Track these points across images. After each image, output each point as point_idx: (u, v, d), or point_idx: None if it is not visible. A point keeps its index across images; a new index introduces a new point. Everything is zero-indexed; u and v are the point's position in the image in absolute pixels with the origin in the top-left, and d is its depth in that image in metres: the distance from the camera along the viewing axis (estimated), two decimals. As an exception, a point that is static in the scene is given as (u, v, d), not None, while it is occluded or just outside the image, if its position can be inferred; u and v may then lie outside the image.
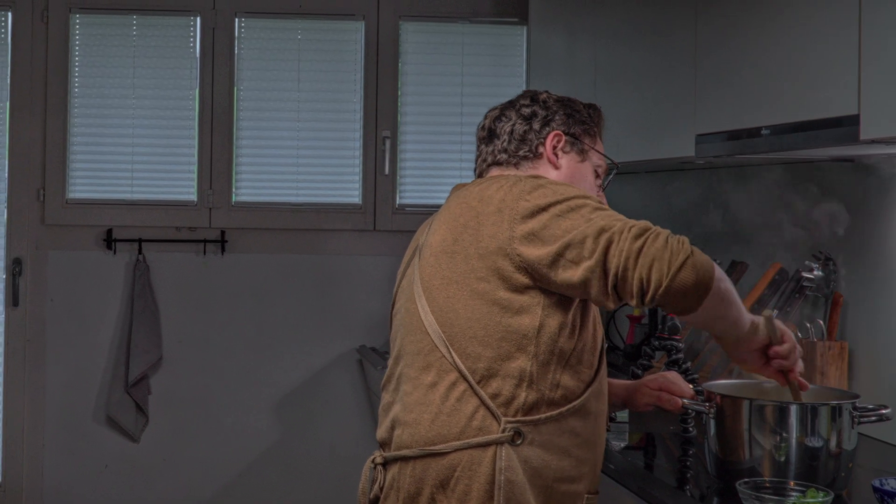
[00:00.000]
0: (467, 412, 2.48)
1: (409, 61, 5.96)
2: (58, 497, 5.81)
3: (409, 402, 2.57)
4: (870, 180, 3.48)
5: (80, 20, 5.80)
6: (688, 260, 2.29)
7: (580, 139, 2.78)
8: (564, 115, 2.78)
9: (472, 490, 2.46)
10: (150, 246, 5.83)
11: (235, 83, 5.86)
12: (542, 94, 2.82)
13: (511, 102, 2.83)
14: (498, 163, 2.77)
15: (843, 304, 3.58)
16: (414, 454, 2.52)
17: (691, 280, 2.29)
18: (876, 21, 2.65)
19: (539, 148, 2.74)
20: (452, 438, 2.48)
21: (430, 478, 2.49)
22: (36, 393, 5.79)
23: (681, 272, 2.28)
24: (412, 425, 2.54)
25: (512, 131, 2.76)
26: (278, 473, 5.91)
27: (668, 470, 3.13)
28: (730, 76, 3.38)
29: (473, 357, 2.48)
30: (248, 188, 5.90)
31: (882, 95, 2.62)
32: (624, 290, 2.35)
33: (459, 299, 2.51)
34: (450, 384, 2.50)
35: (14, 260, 5.77)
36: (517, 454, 2.46)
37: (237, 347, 5.90)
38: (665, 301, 2.32)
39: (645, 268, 2.30)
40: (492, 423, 2.47)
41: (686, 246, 2.32)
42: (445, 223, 2.60)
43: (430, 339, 2.54)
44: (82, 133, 5.83)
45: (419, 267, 2.62)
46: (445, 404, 2.50)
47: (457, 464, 2.47)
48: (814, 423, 2.65)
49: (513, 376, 2.47)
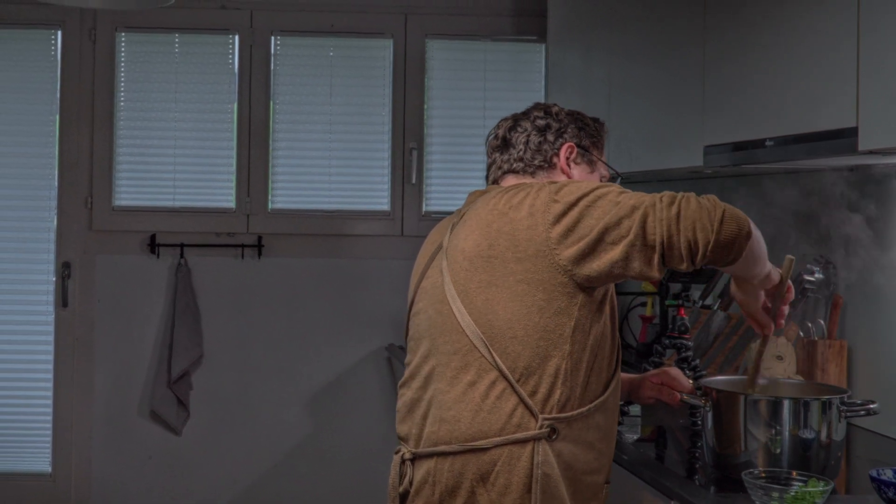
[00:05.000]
0: (507, 409, 2.47)
1: (434, 77, 5.98)
2: (104, 487, 5.86)
3: (445, 401, 2.55)
4: (868, 189, 3.48)
5: (126, 38, 5.85)
6: (725, 213, 2.34)
7: (590, 151, 2.79)
8: (576, 128, 2.78)
9: (512, 483, 2.46)
10: (191, 250, 5.87)
11: (271, 97, 5.90)
12: (553, 107, 2.83)
13: (524, 114, 2.83)
14: (514, 171, 2.77)
15: (842, 305, 3.59)
16: (454, 450, 2.50)
17: (734, 230, 2.33)
18: (873, 39, 2.66)
19: (553, 158, 2.75)
20: (493, 434, 2.47)
21: (470, 472, 2.48)
22: (84, 389, 5.84)
23: (724, 225, 2.33)
24: (451, 422, 2.52)
25: (527, 141, 2.76)
26: (310, 465, 5.94)
27: (677, 461, 3.13)
28: (736, 91, 3.39)
29: (513, 356, 2.48)
30: (283, 196, 5.94)
31: (879, 109, 2.63)
32: (672, 257, 2.37)
33: (499, 301, 2.49)
34: (490, 383, 2.49)
35: (64, 264, 5.82)
36: (552, 449, 2.47)
37: (273, 346, 5.93)
38: (715, 255, 2.36)
39: (689, 230, 2.33)
40: (530, 420, 2.46)
41: (717, 201, 2.36)
42: (478, 229, 2.57)
43: (467, 340, 2.52)
44: (128, 144, 5.87)
45: (451, 271, 2.59)
46: (486, 402, 2.49)
47: (497, 458, 2.46)
48: (805, 416, 2.67)
49: (549, 374, 2.47)
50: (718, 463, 2.80)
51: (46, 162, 5.83)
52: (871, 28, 2.67)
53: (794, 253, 3.85)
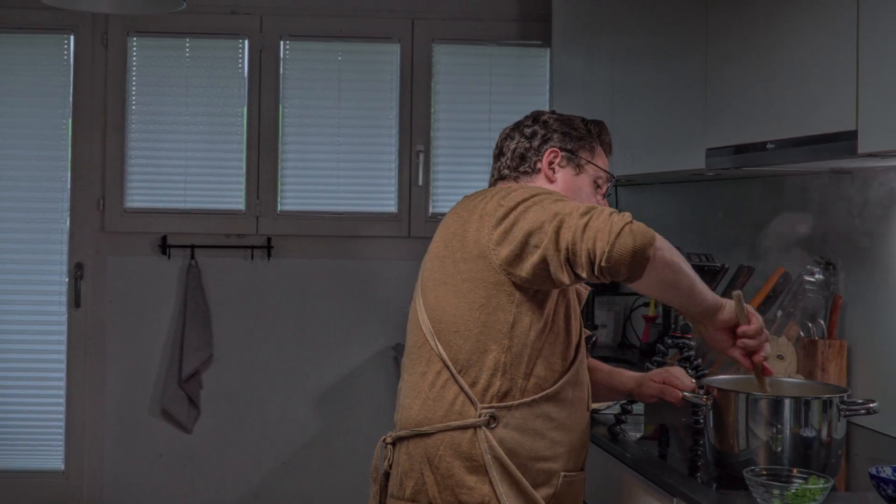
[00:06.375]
0: (449, 398, 2.64)
1: (441, 81, 5.99)
2: (116, 484, 5.87)
3: (404, 389, 2.77)
4: (867, 191, 3.49)
5: (137, 43, 5.86)
6: (625, 227, 2.36)
7: (576, 154, 2.85)
8: (562, 133, 2.86)
9: (454, 467, 2.61)
10: (201, 251, 5.88)
11: (281, 101, 5.91)
12: (544, 115, 2.93)
13: (518, 123, 2.94)
14: (503, 177, 2.90)
15: (842, 305, 3.59)
16: (407, 434, 2.70)
17: (629, 245, 2.35)
18: (872, 43, 2.67)
19: (537, 164, 2.85)
20: (436, 421, 2.64)
21: (419, 455, 2.67)
22: (96, 388, 5.85)
23: (619, 238, 2.35)
24: (406, 409, 2.73)
25: (515, 149, 2.88)
26: (319, 462, 5.95)
27: (680, 459, 3.13)
28: (737, 95, 3.39)
29: (455, 349, 2.63)
30: (292, 198, 5.94)
31: (878, 112, 2.63)
32: (576, 263, 2.43)
33: (447, 298, 2.65)
34: (436, 373, 2.66)
35: (76, 265, 5.83)
36: (494, 435, 2.60)
37: (282, 345, 5.94)
38: (611, 268, 2.38)
39: (590, 240, 2.38)
40: (470, 408, 2.62)
41: (626, 217, 2.39)
42: (442, 231, 2.75)
43: (422, 334, 2.70)
44: (139, 147, 5.88)
45: (422, 270, 2.79)
46: (432, 391, 2.66)
47: (440, 443, 2.63)
48: (806, 415, 2.67)
49: (489, 366, 2.61)
50: (720, 461, 2.80)
51: (59, 165, 5.84)
52: (871, 33, 2.68)
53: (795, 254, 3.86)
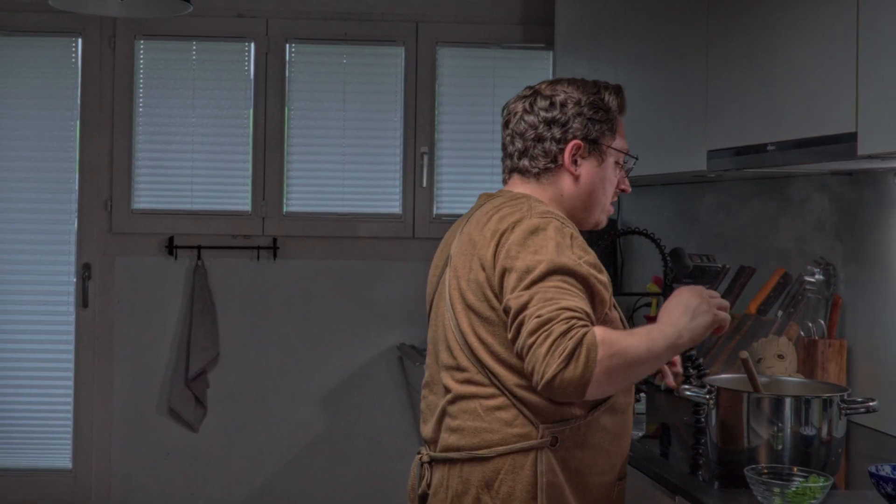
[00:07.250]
0: (507, 420, 2.47)
1: (445, 83, 5.99)
2: (124, 482, 5.87)
3: (453, 410, 2.55)
4: (866, 192, 3.49)
5: (145, 46, 5.87)
6: (556, 377, 2.20)
7: (599, 141, 2.64)
8: (584, 119, 2.63)
9: (516, 492, 2.45)
10: (208, 252, 5.88)
11: (286, 103, 5.91)
12: (559, 93, 2.67)
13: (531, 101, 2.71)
14: (520, 170, 2.69)
15: (841, 306, 3.59)
16: (461, 457, 2.52)
17: (561, 393, 2.23)
18: (872, 46, 2.67)
19: (559, 158, 2.63)
20: (496, 444, 2.47)
21: (476, 479, 2.49)
22: (104, 387, 5.86)
23: (554, 381, 2.20)
24: (458, 431, 2.53)
25: (532, 136, 2.67)
26: (324, 461, 5.95)
27: (681, 457, 3.14)
28: (738, 97, 3.40)
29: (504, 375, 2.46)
30: (297, 199, 5.95)
31: (877, 115, 2.64)
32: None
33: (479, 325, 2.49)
34: (489, 395, 2.49)
35: (84, 265, 5.84)
36: (555, 457, 2.46)
37: (287, 345, 5.95)
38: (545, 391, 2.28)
39: (529, 364, 2.26)
40: (531, 429, 2.45)
41: (559, 360, 2.20)
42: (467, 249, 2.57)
43: (465, 357, 2.52)
44: (146, 149, 5.88)
45: (450, 287, 2.60)
46: (487, 414, 2.48)
47: (500, 467, 2.46)
48: (807, 414, 2.67)
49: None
50: (721, 459, 2.81)
51: (67, 166, 5.85)
52: (870, 35, 2.68)
53: (795, 254, 3.86)
